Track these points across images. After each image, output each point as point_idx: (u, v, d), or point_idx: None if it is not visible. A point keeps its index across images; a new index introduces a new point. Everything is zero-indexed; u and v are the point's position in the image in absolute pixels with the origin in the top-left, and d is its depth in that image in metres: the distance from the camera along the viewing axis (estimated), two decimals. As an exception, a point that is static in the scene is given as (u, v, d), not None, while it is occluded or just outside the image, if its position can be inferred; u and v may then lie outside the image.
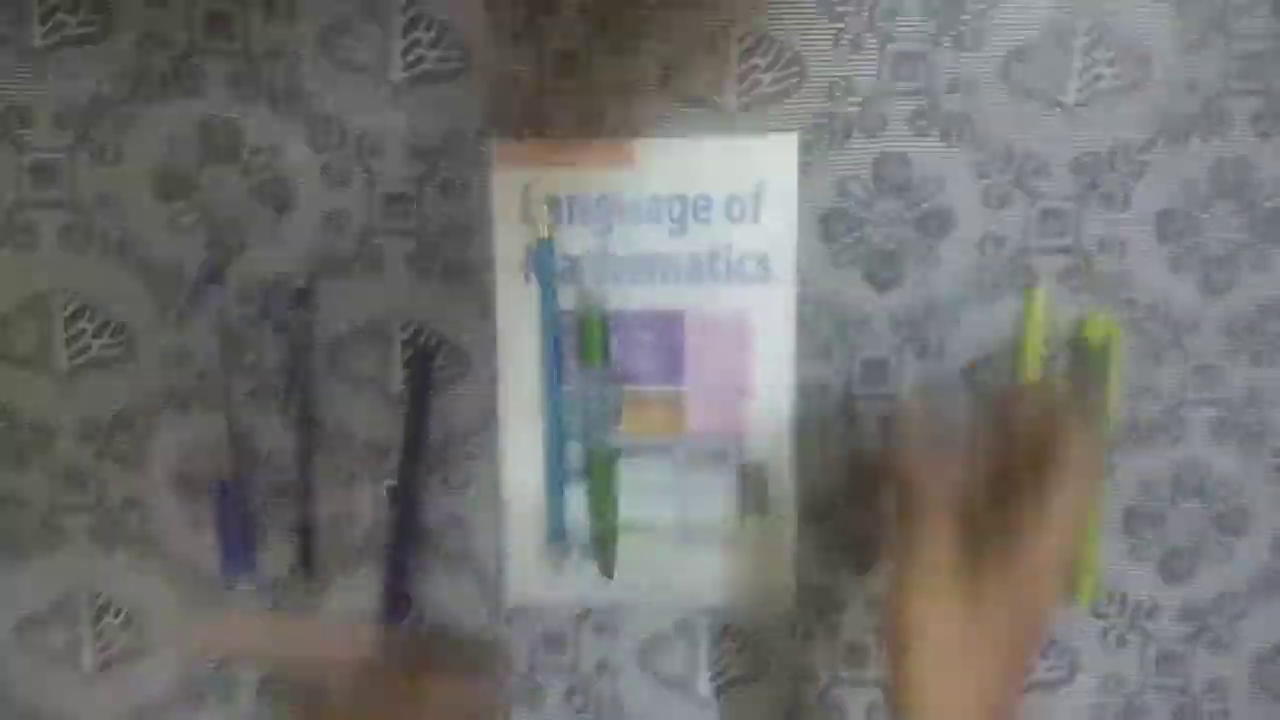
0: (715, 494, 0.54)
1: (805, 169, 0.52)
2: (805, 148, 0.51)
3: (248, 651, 0.56)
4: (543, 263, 0.52)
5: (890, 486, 0.47)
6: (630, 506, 0.54)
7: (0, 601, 0.55)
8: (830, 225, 0.52)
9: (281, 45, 0.51)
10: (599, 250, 0.53)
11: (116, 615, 0.55)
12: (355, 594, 0.55)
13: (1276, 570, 0.54)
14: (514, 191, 0.52)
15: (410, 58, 0.51)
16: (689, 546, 0.55)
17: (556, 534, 0.54)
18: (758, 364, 0.53)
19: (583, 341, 0.53)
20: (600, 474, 0.54)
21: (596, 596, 0.55)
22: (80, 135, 0.52)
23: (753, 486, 0.54)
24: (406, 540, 0.54)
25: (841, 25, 0.51)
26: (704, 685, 0.55)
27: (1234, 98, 0.51)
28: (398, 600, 0.54)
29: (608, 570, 0.55)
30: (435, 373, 0.54)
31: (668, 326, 0.53)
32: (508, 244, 0.53)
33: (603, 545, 0.54)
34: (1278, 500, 0.54)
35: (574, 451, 0.54)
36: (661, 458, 0.54)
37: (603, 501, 0.54)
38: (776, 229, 0.52)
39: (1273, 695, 0.55)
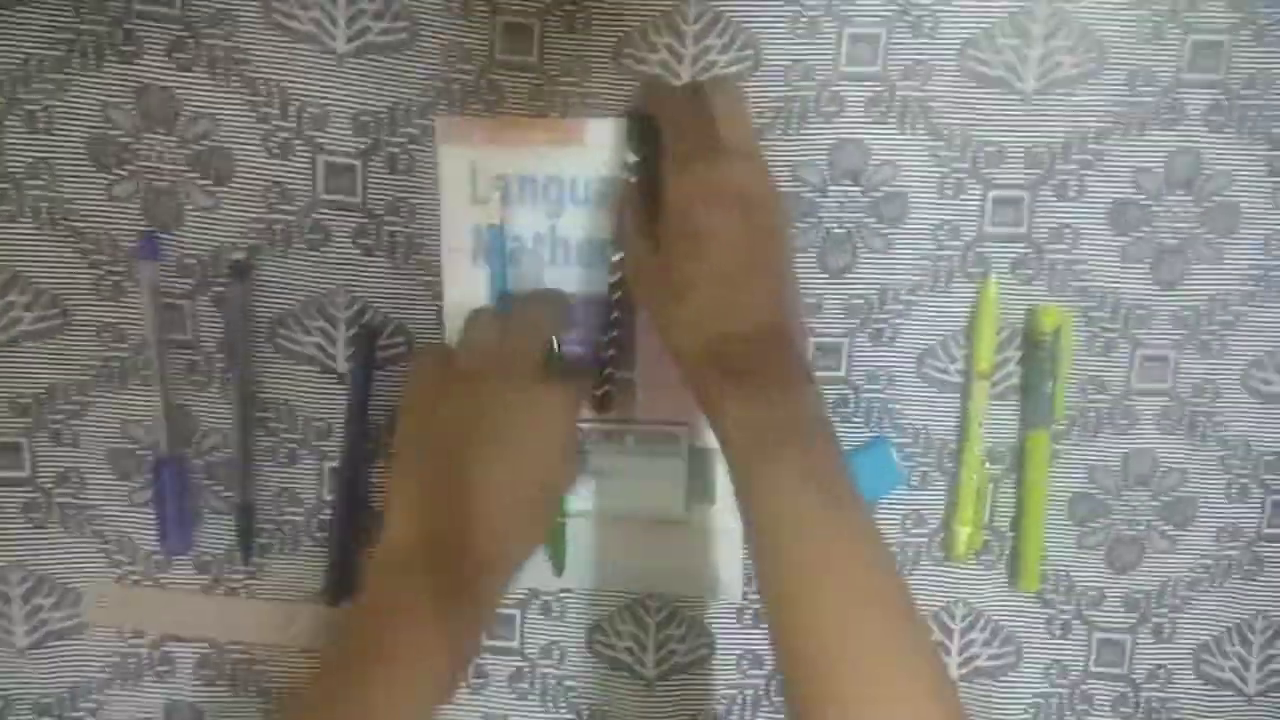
0: (665, 481, 0.53)
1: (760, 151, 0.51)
2: (759, 130, 0.51)
3: (184, 631, 0.54)
4: (493, 248, 0.51)
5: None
6: (580, 494, 0.54)
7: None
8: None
9: (222, 11, 0.50)
10: (548, 232, 0.52)
11: (49, 593, 0.54)
12: (297, 574, 0.54)
13: (1220, 560, 0.54)
14: (461, 170, 0.51)
15: (355, 27, 0.50)
16: (638, 534, 0.54)
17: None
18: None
19: (530, 327, 0.52)
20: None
21: (544, 583, 0.54)
22: (11, 100, 0.50)
23: (702, 474, 0.53)
24: (350, 520, 0.53)
25: (799, 7, 0.50)
26: (651, 669, 0.55)
27: (1189, 89, 0.50)
28: (341, 581, 0.54)
29: (558, 568, 0.54)
30: (380, 351, 0.53)
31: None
32: (455, 224, 0.51)
33: (553, 543, 0.54)
34: (1224, 491, 0.54)
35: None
36: (612, 445, 0.53)
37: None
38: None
39: (1213, 684, 0.55)
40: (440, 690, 0.45)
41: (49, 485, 0.53)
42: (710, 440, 0.53)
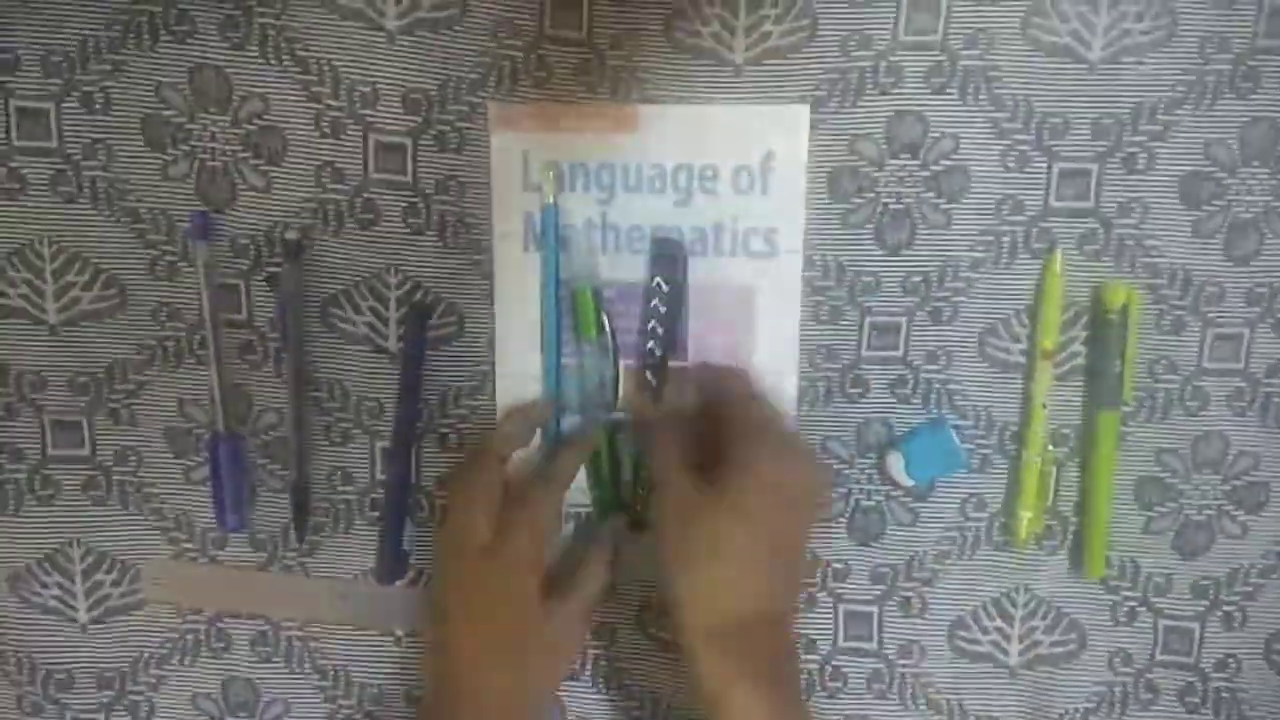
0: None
1: (816, 125, 0.50)
2: (816, 104, 0.49)
3: (240, 607, 0.55)
4: (545, 234, 0.51)
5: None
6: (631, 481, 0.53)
7: (-7, 553, 0.55)
8: (840, 185, 0.50)
9: (274, -10, 0.50)
10: (598, 220, 0.51)
11: (109, 569, 0.55)
12: (350, 552, 0.54)
13: (1293, 547, 0.52)
14: (513, 157, 0.51)
15: (405, 4, 0.49)
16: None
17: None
18: (761, 339, 0.52)
19: (578, 314, 0.51)
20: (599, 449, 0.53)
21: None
22: (68, 82, 0.51)
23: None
24: (402, 499, 0.53)
25: (857, -26, 0.48)
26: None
27: (1264, 56, 0.48)
28: (394, 559, 0.54)
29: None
30: (431, 330, 0.52)
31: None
32: (506, 211, 0.51)
33: (604, 521, 0.53)
34: (1297, 475, 0.52)
35: (572, 424, 0.53)
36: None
37: (601, 476, 0.53)
38: (784, 202, 0.50)
39: (1284, 674, 0.54)
40: None
41: (108, 463, 0.54)
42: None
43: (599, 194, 0.51)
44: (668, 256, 0.51)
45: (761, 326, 0.52)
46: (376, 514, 0.54)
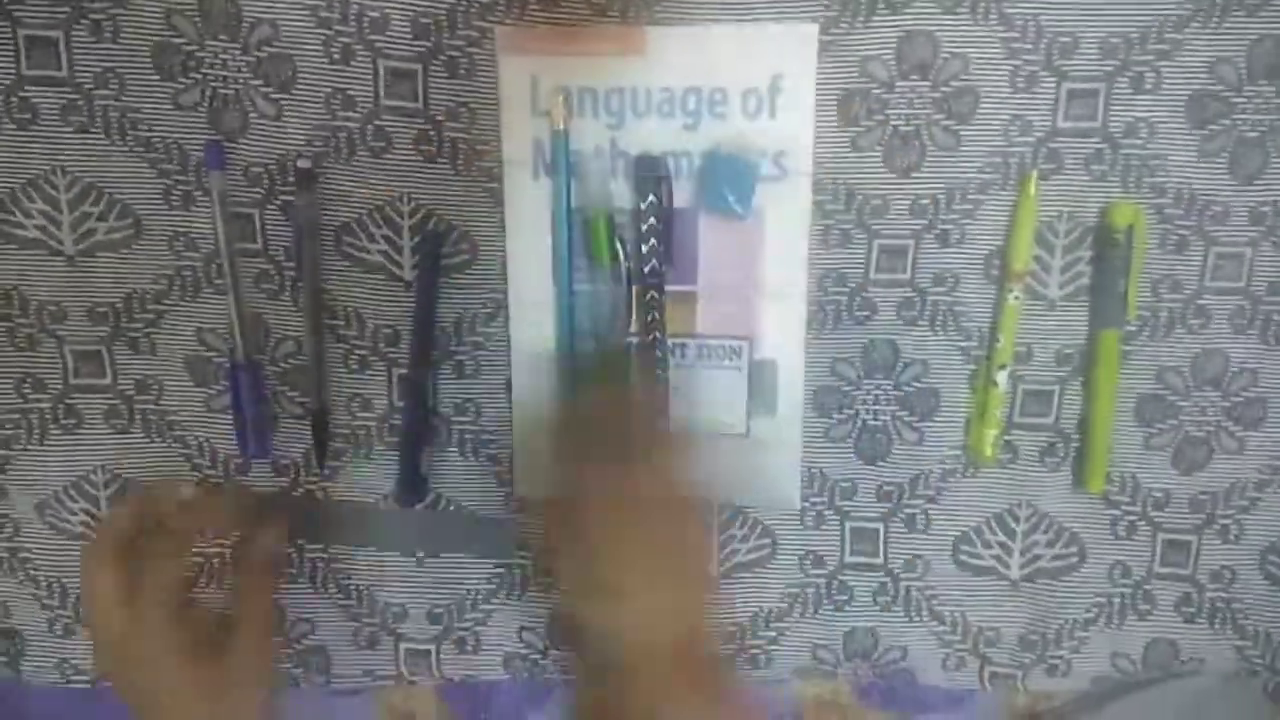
0: (725, 393, 0.54)
1: (825, 47, 0.50)
2: (826, 24, 0.49)
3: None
4: (557, 160, 0.51)
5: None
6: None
7: (20, 482, 0.56)
8: (850, 106, 0.50)
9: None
10: (608, 146, 0.51)
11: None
12: (370, 476, 0.56)
13: (1290, 462, 0.54)
14: (522, 81, 0.51)
15: (413, -74, 0.49)
16: (700, 445, 0.54)
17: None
18: (771, 263, 0.52)
19: (591, 240, 0.52)
20: (611, 373, 0.53)
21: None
22: (76, 9, 0.50)
23: (763, 386, 0.54)
24: (419, 425, 0.54)
25: (866, -108, 0.48)
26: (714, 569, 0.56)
27: (1277, -29, 0.48)
28: (413, 484, 0.55)
29: None
30: (444, 259, 0.53)
31: (680, 225, 0.52)
32: (515, 137, 0.51)
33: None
34: (1296, 392, 0.53)
35: (585, 349, 0.53)
36: (673, 357, 0.54)
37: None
38: (793, 125, 0.50)
39: (1278, 585, 0.55)
40: None
41: (130, 392, 0.55)
42: (771, 352, 0.53)
43: (608, 119, 0.51)
44: (652, 177, 0.51)
45: (770, 250, 0.52)
46: (395, 439, 0.55)
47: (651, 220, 0.51)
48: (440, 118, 0.51)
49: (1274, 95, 0.50)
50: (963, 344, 0.53)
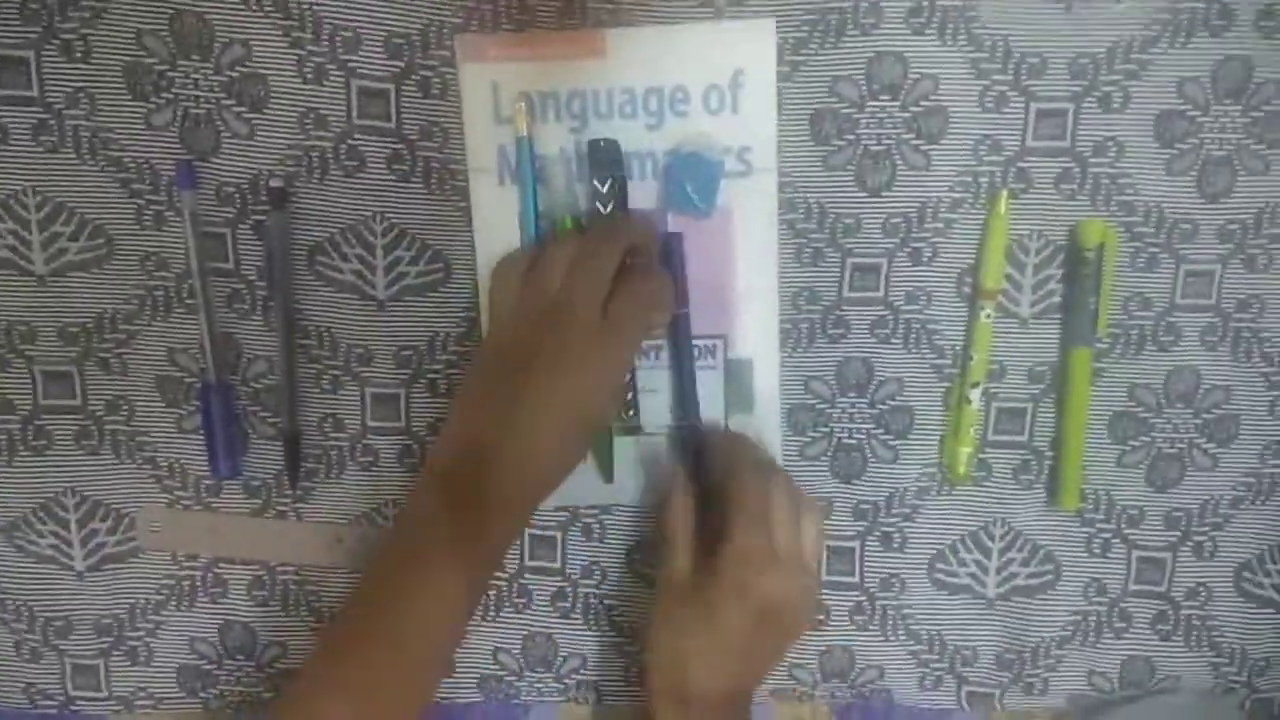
0: (703, 391, 0.53)
1: (796, 66, 0.50)
2: (796, 45, 0.50)
3: (235, 553, 0.56)
4: (521, 167, 0.51)
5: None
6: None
7: (-11, 504, 0.56)
8: (821, 126, 0.51)
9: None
10: (572, 150, 0.51)
11: (104, 518, 0.56)
12: (343, 497, 0.55)
13: (1263, 478, 0.54)
14: (483, 88, 0.51)
15: (384, -54, 0.49)
16: (678, 444, 0.54)
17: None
18: (742, 260, 0.52)
19: (559, 243, 0.52)
20: None
21: (590, 498, 0.55)
22: (48, 29, 0.50)
23: (739, 384, 0.54)
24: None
25: (835, -86, 0.49)
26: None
27: (1239, -7, 0.49)
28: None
29: (607, 475, 0.54)
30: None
31: (648, 225, 0.52)
32: (479, 145, 0.51)
33: (599, 451, 0.54)
34: (1267, 408, 0.53)
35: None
36: (647, 359, 0.54)
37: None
38: (756, 120, 0.51)
39: (1254, 602, 0.55)
40: (472, 596, 0.48)
41: (100, 413, 0.55)
42: (746, 350, 0.53)
43: (571, 123, 0.51)
44: (604, 160, 0.51)
45: (740, 246, 0.52)
46: (368, 459, 0.55)
47: (612, 205, 0.51)
48: (413, 137, 0.51)
49: (1240, 115, 0.50)
50: (936, 362, 0.53)
